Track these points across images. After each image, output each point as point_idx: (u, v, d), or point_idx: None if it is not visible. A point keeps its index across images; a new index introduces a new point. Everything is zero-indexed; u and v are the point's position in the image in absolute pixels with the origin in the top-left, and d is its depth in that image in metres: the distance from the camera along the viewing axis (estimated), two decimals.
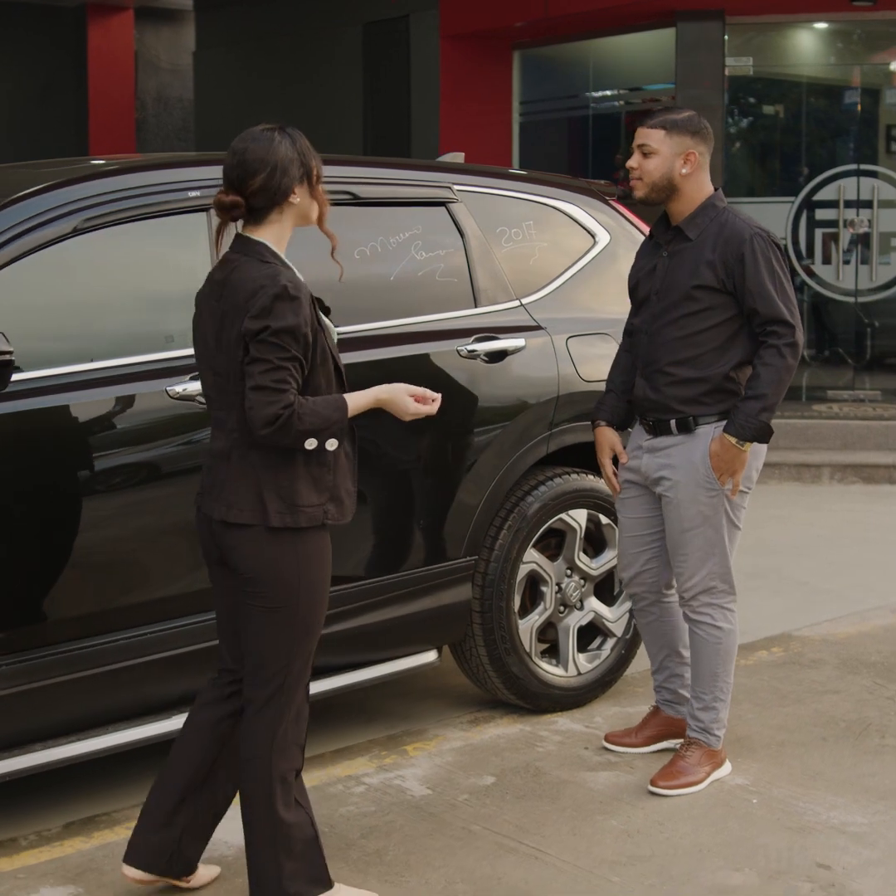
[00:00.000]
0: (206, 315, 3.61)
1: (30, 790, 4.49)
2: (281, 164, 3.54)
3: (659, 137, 4.45)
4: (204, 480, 3.67)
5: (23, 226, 4.14)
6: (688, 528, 4.48)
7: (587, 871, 3.97)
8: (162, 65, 15.45)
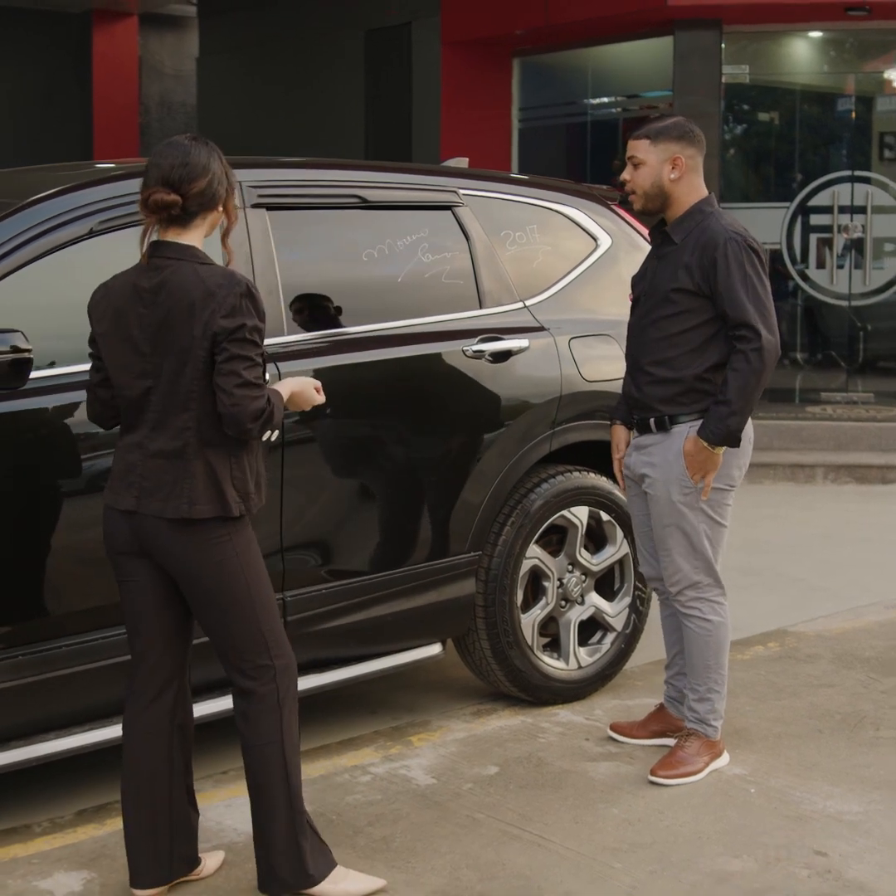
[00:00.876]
0: (131, 323, 3.63)
1: (43, 778, 4.59)
2: (218, 174, 3.67)
3: (645, 147, 4.55)
4: (135, 482, 3.66)
5: (39, 228, 4.24)
6: (666, 523, 4.59)
7: (589, 858, 4.07)
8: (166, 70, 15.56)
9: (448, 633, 5.16)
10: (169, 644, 3.81)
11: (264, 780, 3.76)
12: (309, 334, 4.73)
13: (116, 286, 3.71)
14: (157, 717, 3.82)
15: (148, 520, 3.66)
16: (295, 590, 4.63)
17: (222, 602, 3.70)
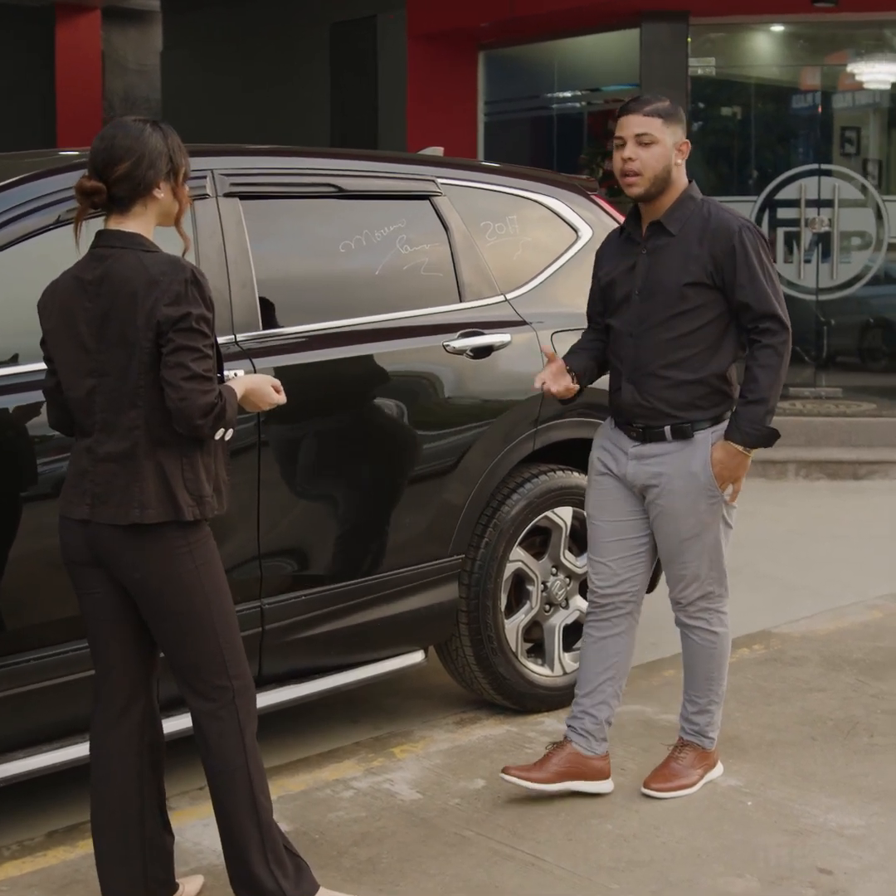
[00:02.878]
0: (77, 319, 3.41)
1: (10, 797, 4.37)
2: (149, 156, 3.41)
3: (658, 126, 4.18)
4: (88, 489, 3.44)
5: (4, 217, 4.03)
6: (686, 537, 4.29)
7: (586, 878, 3.89)
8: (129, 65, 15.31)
9: (430, 639, 4.98)
10: (132, 658, 3.60)
11: (233, 809, 3.56)
12: (284, 329, 4.54)
13: (62, 282, 3.49)
14: (125, 735, 3.61)
15: (102, 529, 3.43)
16: (273, 597, 4.43)
17: (180, 618, 3.47)
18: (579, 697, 4.46)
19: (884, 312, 12.39)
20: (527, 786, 4.33)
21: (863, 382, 12.15)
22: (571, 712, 4.46)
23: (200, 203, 4.38)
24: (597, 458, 4.44)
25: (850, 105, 12.29)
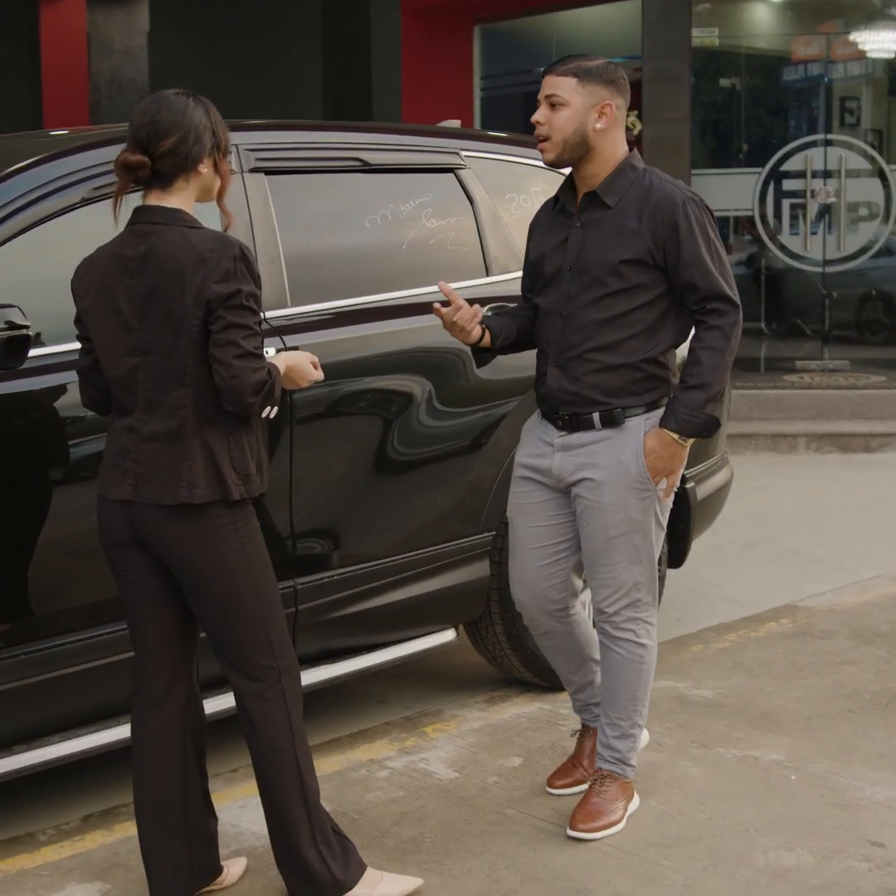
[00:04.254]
0: (117, 297, 3.34)
1: (45, 781, 4.32)
2: (195, 130, 3.34)
3: (570, 87, 3.81)
4: (129, 469, 3.36)
5: (29, 196, 3.96)
6: (614, 535, 3.89)
7: (634, 855, 3.85)
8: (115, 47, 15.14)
9: (461, 617, 4.93)
10: (173, 641, 3.54)
11: (280, 789, 3.51)
12: (313, 306, 4.47)
13: (99, 258, 3.41)
14: (167, 719, 3.55)
15: (146, 509, 3.37)
16: (306, 577, 4.38)
17: (225, 598, 3.42)
18: (573, 694, 4.28)
19: (891, 284, 12.35)
20: (577, 790, 4.18)
21: (871, 355, 12.12)
22: (576, 706, 4.29)
23: None
24: (519, 458, 4.10)
25: (856, 74, 12.21)
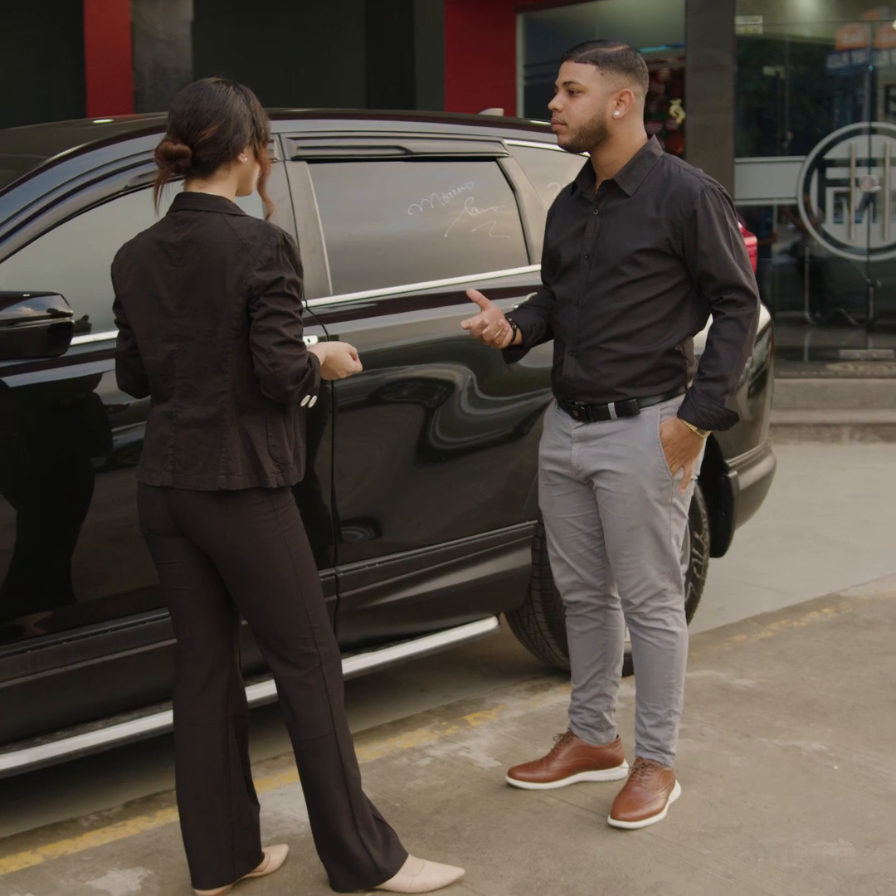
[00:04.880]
0: (157, 283, 3.35)
1: (87, 767, 4.35)
2: (235, 119, 3.34)
3: (589, 74, 3.78)
4: (169, 455, 3.39)
5: (71, 185, 3.97)
6: (634, 525, 3.90)
7: (676, 844, 3.83)
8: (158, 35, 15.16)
9: (503, 606, 4.92)
10: (215, 629, 3.56)
11: (321, 777, 3.52)
12: (355, 294, 4.47)
13: (140, 244, 3.42)
14: (209, 708, 3.57)
15: (185, 495, 3.39)
16: (347, 565, 4.38)
17: (265, 585, 3.43)
18: (574, 692, 4.25)
19: None
20: (533, 787, 4.18)
21: None
22: (571, 705, 4.27)
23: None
24: (541, 450, 4.11)
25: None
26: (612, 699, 4.23)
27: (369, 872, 3.55)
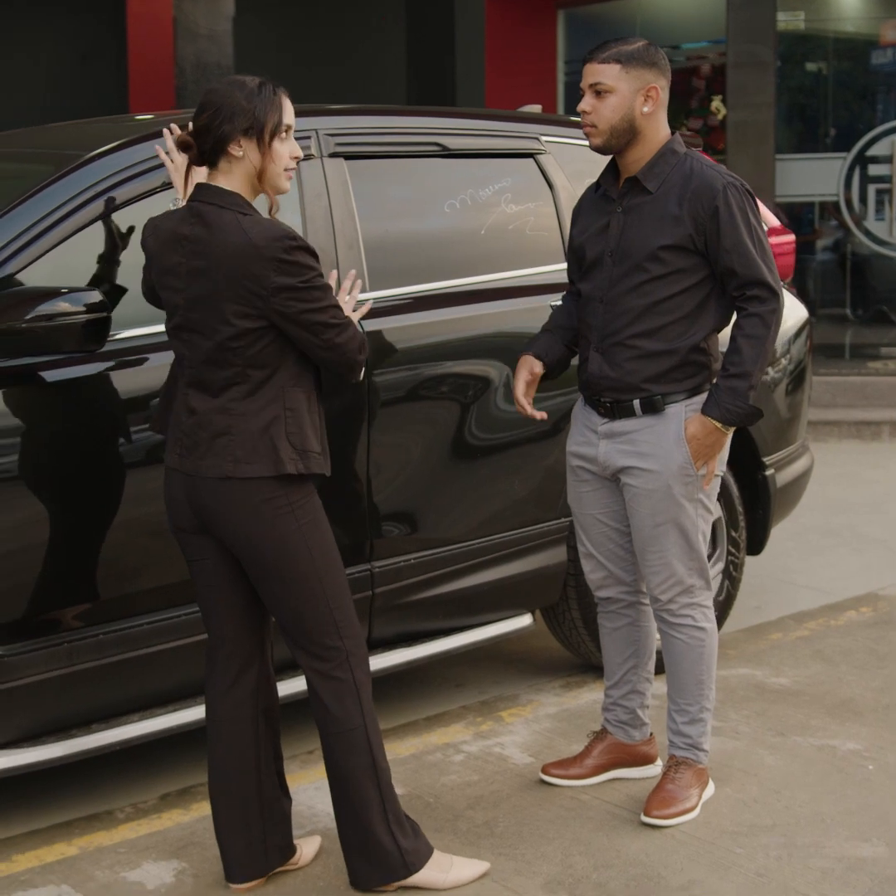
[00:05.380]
0: (171, 274, 3.38)
1: (123, 760, 4.38)
2: (226, 110, 3.31)
3: (615, 73, 3.78)
4: (179, 439, 3.43)
5: (110, 180, 3.99)
6: (661, 521, 3.90)
7: (709, 843, 3.83)
8: (200, 31, 15.21)
9: (538, 603, 4.93)
10: (246, 625, 3.58)
11: (351, 770, 3.52)
12: (391, 290, 4.48)
13: (163, 230, 3.44)
14: (241, 702, 3.59)
15: (196, 481, 3.40)
16: (382, 560, 4.39)
17: (285, 578, 3.43)
18: (608, 689, 4.24)
19: None
20: (566, 784, 4.18)
21: None
22: (604, 702, 4.26)
23: (306, 164, 4.32)
24: (569, 447, 4.12)
25: None
26: (645, 696, 4.23)
27: (397, 865, 3.55)
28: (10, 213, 3.85)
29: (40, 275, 3.81)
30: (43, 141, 4.70)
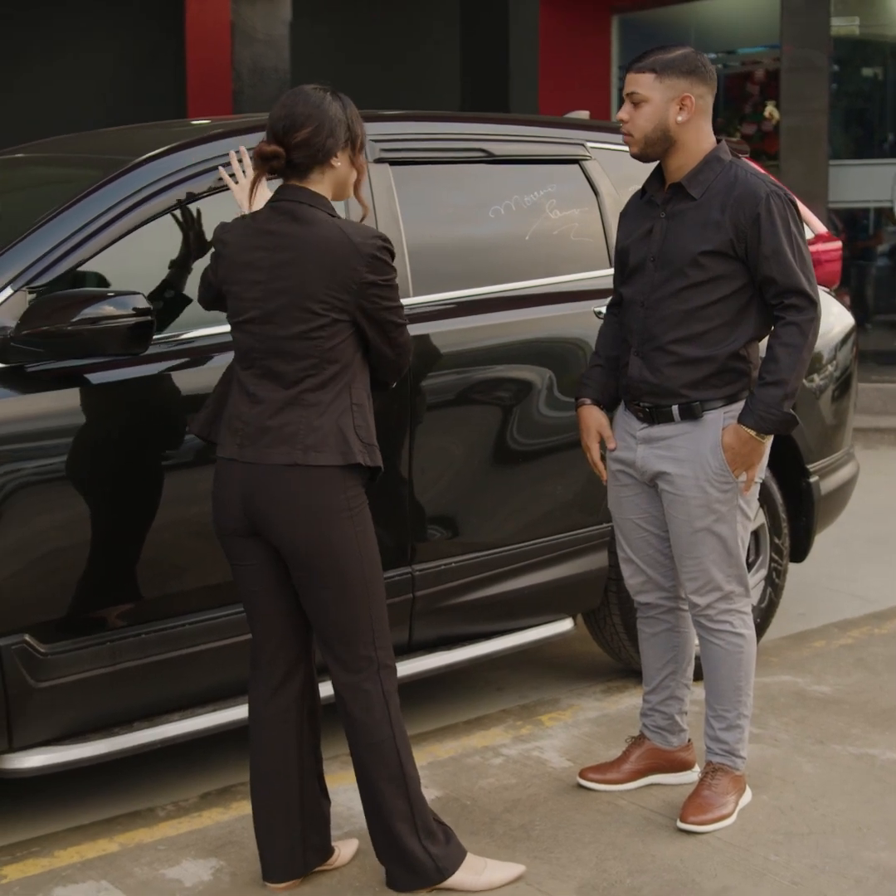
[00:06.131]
0: (249, 267, 3.45)
1: (165, 758, 4.43)
2: (329, 124, 3.44)
3: (648, 83, 3.82)
4: (239, 428, 3.47)
5: (156, 186, 4.04)
6: (699, 527, 3.92)
7: (744, 849, 3.83)
8: (258, 35, 15.33)
9: (579, 607, 4.94)
10: (291, 629, 3.61)
11: (380, 781, 3.56)
12: (435, 295, 4.51)
13: (237, 228, 3.53)
14: (285, 705, 3.62)
15: (255, 471, 3.43)
16: (423, 564, 4.42)
17: (333, 584, 3.46)
18: (646, 694, 4.25)
19: None
20: (604, 788, 4.20)
21: None
22: (642, 708, 4.28)
23: None
24: (609, 451, 4.13)
25: None
26: (683, 702, 4.24)
27: (430, 872, 3.58)
28: (58, 217, 3.91)
29: (88, 277, 3.87)
30: (92, 146, 4.76)
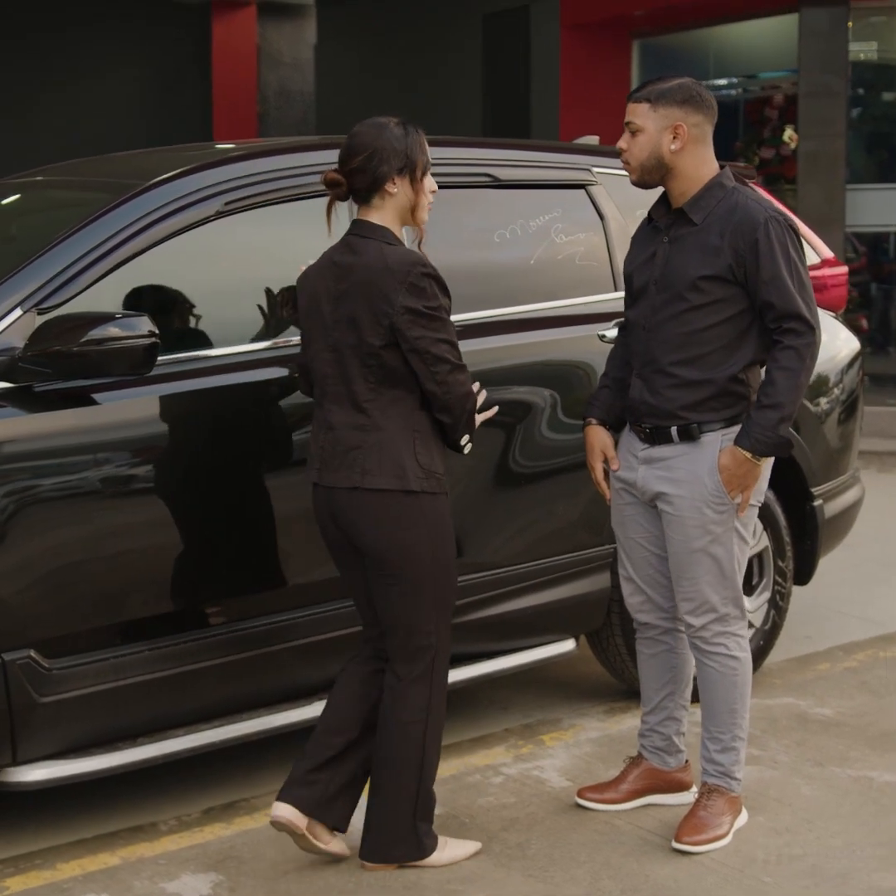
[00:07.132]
0: (322, 298, 3.68)
1: (169, 774, 4.47)
2: (381, 151, 3.63)
3: (643, 112, 3.93)
4: (317, 454, 3.72)
5: (164, 209, 4.12)
6: (695, 548, 3.96)
7: (737, 871, 3.86)
8: (283, 59, 15.51)
9: (582, 628, 4.98)
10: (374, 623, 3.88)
11: (398, 757, 3.77)
12: None
13: (318, 263, 3.76)
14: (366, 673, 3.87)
15: (334, 494, 3.68)
16: None
17: (401, 579, 3.69)
18: (644, 715, 4.28)
19: None
20: (601, 808, 4.23)
21: None
22: (640, 728, 4.30)
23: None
24: (612, 471, 4.17)
25: None
26: (681, 723, 4.27)
27: (413, 850, 3.82)
28: (67, 240, 3.99)
29: (95, 299, 3.94)
30: (105, 170, 4.84)
